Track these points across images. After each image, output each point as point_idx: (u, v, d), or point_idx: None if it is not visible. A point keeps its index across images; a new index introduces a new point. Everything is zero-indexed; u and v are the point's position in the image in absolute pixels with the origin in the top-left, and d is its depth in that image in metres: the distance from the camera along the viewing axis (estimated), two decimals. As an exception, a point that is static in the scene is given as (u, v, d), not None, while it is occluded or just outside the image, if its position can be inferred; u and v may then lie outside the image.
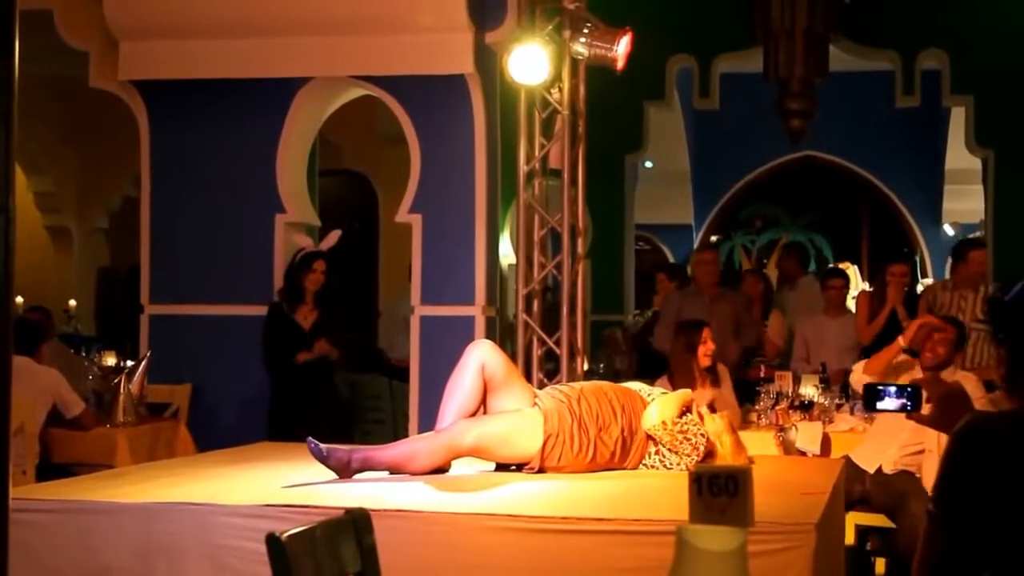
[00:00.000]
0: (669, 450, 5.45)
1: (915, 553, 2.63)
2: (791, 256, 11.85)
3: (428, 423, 5.71)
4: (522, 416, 5.40)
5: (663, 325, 9.60)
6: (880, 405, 3.27)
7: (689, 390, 5.84)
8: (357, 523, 3.25)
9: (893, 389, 3.28)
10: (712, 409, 5.91)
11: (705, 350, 7.55)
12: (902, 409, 3.27)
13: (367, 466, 5.20)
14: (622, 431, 5.46)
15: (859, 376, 6.89)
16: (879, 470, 6.73)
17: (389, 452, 5.30)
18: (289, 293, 8.49)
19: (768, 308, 9.83)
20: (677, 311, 9.49)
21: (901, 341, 6.78)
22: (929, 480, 6.64)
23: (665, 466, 5.49)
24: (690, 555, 2.15)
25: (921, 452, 6.69)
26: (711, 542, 2.15)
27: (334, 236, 8.63)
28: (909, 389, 3.26)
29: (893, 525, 6.73)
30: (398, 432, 9.06)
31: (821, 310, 9.85)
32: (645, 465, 5.53)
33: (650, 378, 8.03)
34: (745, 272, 10.50)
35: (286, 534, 2.97)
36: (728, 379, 7.89)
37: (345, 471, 5.14)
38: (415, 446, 5.36)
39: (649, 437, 5.53)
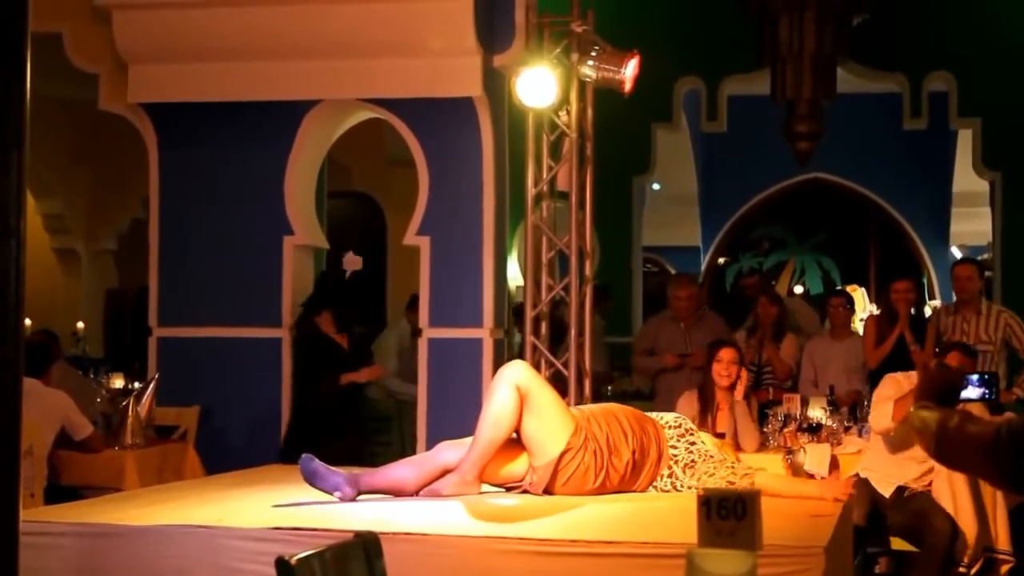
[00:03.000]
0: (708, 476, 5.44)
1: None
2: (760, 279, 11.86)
3: (435, 444, 5.70)
4: (564, 412, 5.42)
5: (638, 352, 9.64)
6: (964, 395, 3.26)
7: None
8: (367, 546, 3.25)
9: (975, 378, 3.29)
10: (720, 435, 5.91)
11: (719, 369, 7.55)
12: (982, 398, 3.30)
13: (477, 472, 5.27)
14: (633, 454, 5.45)
15: (887, 425, 6.73)
16: (898, 492, 6.71)
17: (474, 454, 5.29)
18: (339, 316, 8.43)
19: (780, 331, 9.79)
20: (653, 338, 9.51)
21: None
22: (941, 496, 6.62)
23: (676, 488, 5.48)
24: (701, 579, 2.15)
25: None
26: (722, 566, 2.15)
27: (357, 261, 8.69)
28: (987, 376, 3.28)
29: (904, 547, 6.70)
30: (406, 453, 9.04)
31: (827, 332, 9.85)
32: (656, 487, 5.52)
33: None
34: (761, 297, 10.51)
35: (296, 557, 2.97)
36: (754, 409, 7.86)
37: (469, 486, 5.23)
38: (486, 434, 5.30)
39: (659, 459, 5.53)
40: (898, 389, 6.75)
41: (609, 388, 10.32)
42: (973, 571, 6.71)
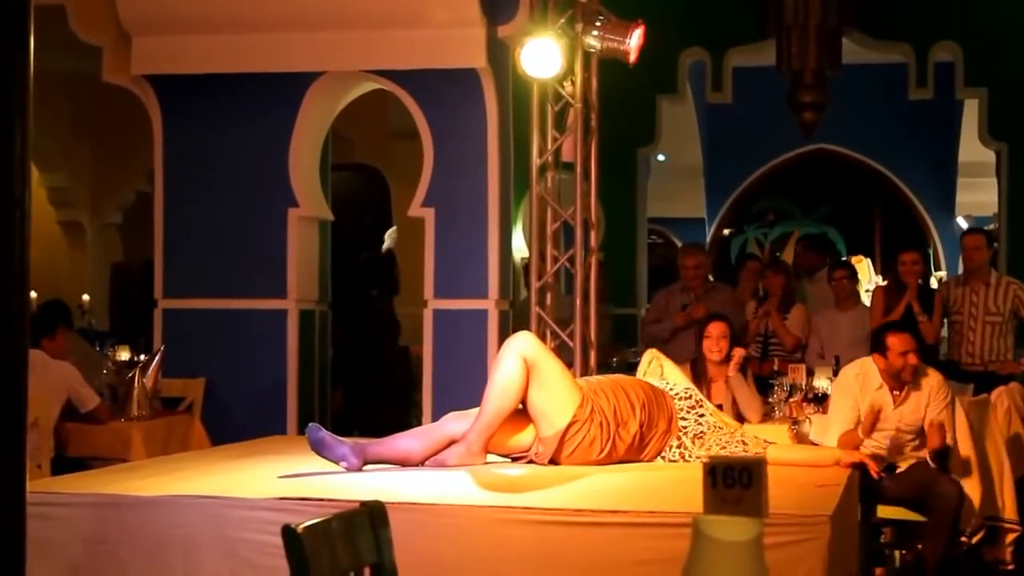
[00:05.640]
0: (720, 447, 5.46)
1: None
2: (811, 251, 11.76)
3: (441, 415, 5.71)
4: (571, 384, 5.42)
5: (649, 322, 9.67)
6: None
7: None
8: (373, 515, 3.25)
9: None
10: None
11: (709, 345, 7.56)
12: None
13: (483, 442, 5.28)
14: (640, 426, 5.46)
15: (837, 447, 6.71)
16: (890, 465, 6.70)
17: (480, 424, 5.30)
18: (386, 288, 8.86)
19: (789, 301, 9.75)
20: (664, 308, 9.52)
21: (860, 434, 6.57)
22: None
23: (685, 459, 5.50)
24: (707, 546, 2.15)
25: (916, 439, 6.66)
26: (728, 533, 2.15)
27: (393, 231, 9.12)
28: None
29: (910, 517, 6.70)
30: (411, 423, 9.08)
31: (832, 303, 9.84)
32: (664, 457, 5.53)
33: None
34: (766, 267, 10.48)
35: (302, 526, 2.97)
36: (749, 378, 7.86)
37: (475, 457, 5.26)
38: (492, 405, 5.32)
39: (668, 430, 5.54)
40: (852, 397, 6.65)
41: (614, 360, 10.33)
42: (974, 540, 6.72)
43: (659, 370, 5.99)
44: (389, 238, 9.31)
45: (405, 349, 9.07)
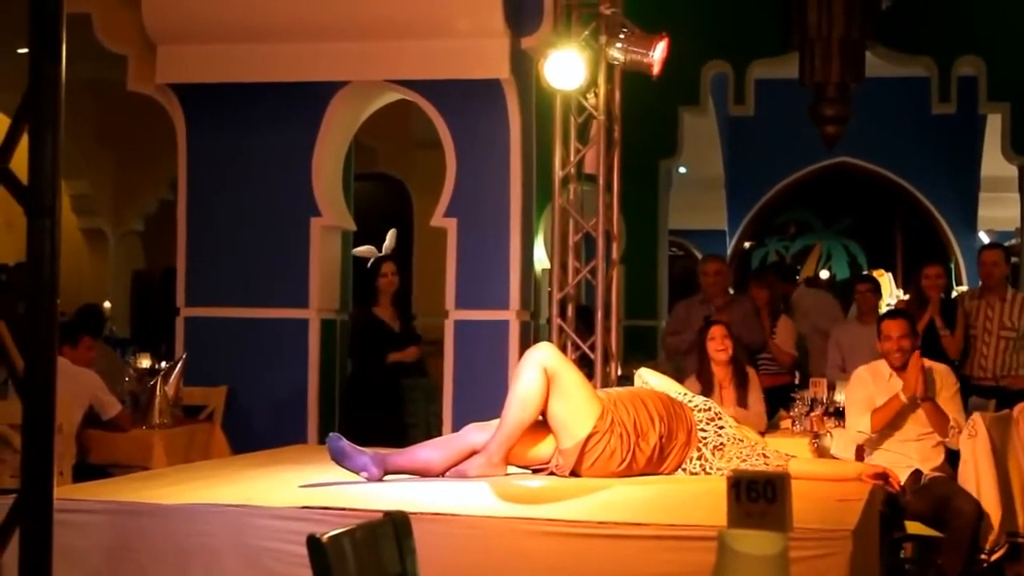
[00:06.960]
0: (740, 460, 5.46)
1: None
2: (774, 280, 11.69)
3: (461, 426, 5.72)
4: (591, 395, 5.43)
5: (669, 334, 9.68)
6: None
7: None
8: (397, 525, 3.25)
9: None
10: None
11: (714, 346, 7.59)
12: None
13: (504, 453, 5.29)
14: (660, 437, 5.45)
15: (866, 436, 6.79)
16: (914, 477, 6.69)
17: (500, 435, 5.31)
18: (369, 298, 9.09)
19: (775, 315, 9.73)
20: (684, 320, 9.52)
21: (902, 396, 6.68)
22: (966, 479, 6.59)
23: (705, 471, 5.49)
24: (733, 560, 2.15)
25: (939, 443, 6.70)
26: (755, 547, 2.15)
27: (390, 237, 9.33)
28: None
29: (930, 532, 6.68)
30: (431, 434, 9.09)
31: (855, 317, 9.82)
32: (685, 470, 5.53)
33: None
34: (749, 279, 10.46)
35: (327, 536, 2.97)
36: (758, 385, 7.85)
37: (495, 468, 5.26)
38: (513, 416, 5.32)
39: (688, 442, 5.53)
40: (867, 389, 6.81)
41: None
42: (994, 557, 6.69)
43: (646, 386, 5.98)
44: (388, 240, 9.31)
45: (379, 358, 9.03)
